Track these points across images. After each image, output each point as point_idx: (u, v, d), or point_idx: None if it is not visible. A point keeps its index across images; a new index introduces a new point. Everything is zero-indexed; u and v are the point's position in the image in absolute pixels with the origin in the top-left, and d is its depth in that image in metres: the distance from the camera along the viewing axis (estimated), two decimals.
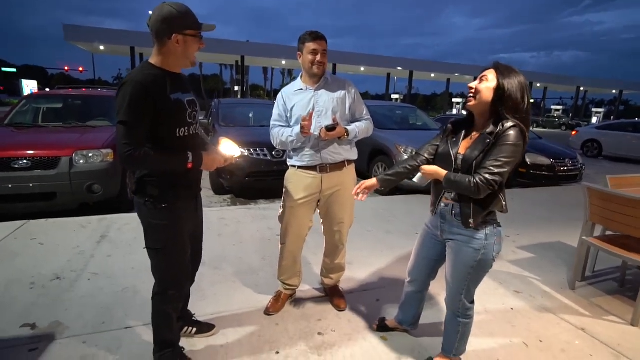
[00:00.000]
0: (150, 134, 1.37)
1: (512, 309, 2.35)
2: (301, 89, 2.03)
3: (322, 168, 2.04)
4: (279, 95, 2.11)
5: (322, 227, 2.26)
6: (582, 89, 38.20)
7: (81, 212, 3.89)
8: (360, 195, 1.76)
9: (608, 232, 2.75)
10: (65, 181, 3.65)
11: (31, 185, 3.57)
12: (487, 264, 1.52)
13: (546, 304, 2.43)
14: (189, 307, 1.96)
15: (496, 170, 1.36)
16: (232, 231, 3.50)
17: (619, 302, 2.49)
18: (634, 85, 38.80)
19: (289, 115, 2.05)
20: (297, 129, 1.93)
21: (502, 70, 1.41)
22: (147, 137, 1.36)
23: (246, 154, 4.76)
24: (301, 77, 2.07)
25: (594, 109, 36.81)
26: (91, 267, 2.65)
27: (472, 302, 1.64)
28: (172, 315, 1.60)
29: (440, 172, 1.50)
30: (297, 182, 2.07)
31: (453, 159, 1.52)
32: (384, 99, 33.87)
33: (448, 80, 35.20)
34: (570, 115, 37.56)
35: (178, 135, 1.45)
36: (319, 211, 2.21)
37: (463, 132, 1.56)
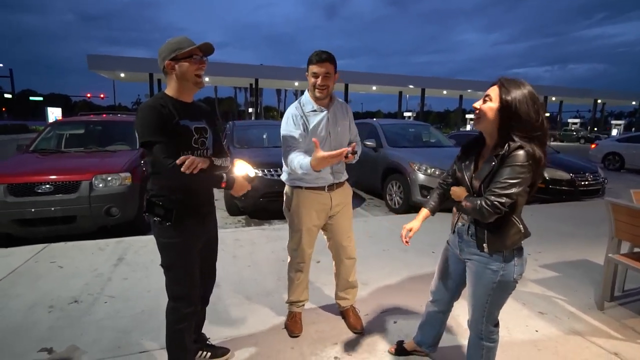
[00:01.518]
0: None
1: (537, 331, 2.24)
2: (314, 110, 1.99)
3: (330, 187, 2.08)
4: (296, 114, 1.98)
5: (332, 249, 2.24)
6: (599, 101, 37.47)
7: (100, 234, 3.97)
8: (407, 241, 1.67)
9: (636, 249, 2.62)
10: (85, 204, 3.75)
11: (52, 209, 3.68)
12: (508, 286, 1.46)
13: (574, 326, 2.30)
14: (204, 330, 1.95)
15: (501, 192, 1.29)
16: (246, 252, 3.49)
17: None
18: None
19: (309, 137, 1.97)
20: (308, 161, 1.77)
21: (507, 86, 1.32)
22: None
23: (260, 174, 4.81)
24: (309, 94, 2.02)
25: (613, 121, 35.97)
26: (108, 290, 2.68)
27: (497, 324, 1.57)
28: (185, 335, 1.60)
29: (461, 194, 1.47)
30: (309, 202, 2.07)
31: (468, 182, 1.48)
32: (396, 117, 34.00)
33: (460, 96, 35.15)
34: (589, 128, 36.74)
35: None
36: (325, 231, 2.21)
37: (475, 153, 1.50)
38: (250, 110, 27.86)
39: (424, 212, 1.71)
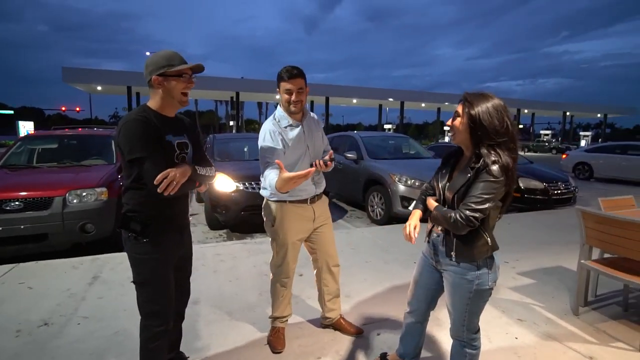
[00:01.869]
0: (136, 171, 1.43)
1: (516, 338, 2.28)
2: (291, 125, 2.01)
3: (312, 199, 2.10)
4: (275, 130, 1.98)
5: (316, 261, 2.25)
6: (568, 113, 39.34)
7: (74, 252, 3.81)
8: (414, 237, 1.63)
9: (606, 255, 2.74)
10: (57, 221, 3.61)
11: (22, 227, 3.52)
12: (484, 294, 1.50)
13: (551, 332, 2.36)
14: (183, 349, 1.89)
15: (475, 207, 1.35)
16: (228, 267, 3.43)
17: (625, 327, 2.43)
18: (618, 109, 40.10)
19: (286, 145, 1.99)
20: (274, 181, 1.75)
21: (470, 101, 1.41)
22: (132, 173, 1.42)
23: (241, 187, 4.76)
24: (282, 109, 2.03)
25: (581, 133, 37.78)
26: (82, 310, 2.56)
27: (477, 331, 1.60)
28: (159, 354, 1.56)
29: (432, 204, 1.52)
30: (293, 216, 2.06)
31: (440, 192, 1.56)
32: (376, 129, 34.55)
33: (438, 109, 36.16)
34: (560, 139, 38.41)
35: None
36: (309, 243, 2.22)
37: (452, 164, 1.58)
38: (231, 123, 27.73)
39: (417, 212, 1.68)
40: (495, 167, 1.34)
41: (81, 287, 2.93)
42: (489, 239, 1.46)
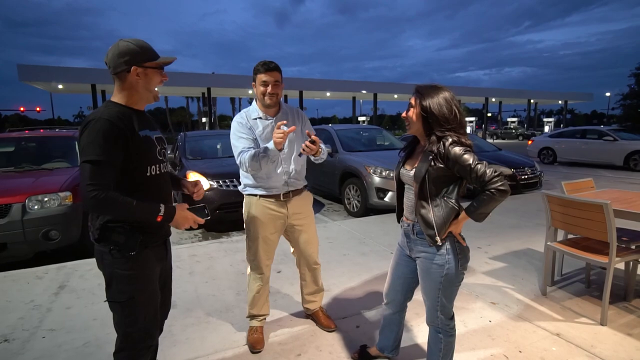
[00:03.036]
0: (120, 175, 1.28)
1: (490, 321, 2.37)
2: (260, 118, 2.02)
3: (285, 195, 2.06)
4: (242, 122, 2.01)
5: (295, 255, 2.26)
6: (532, 101, 41.00)
7: (39, 261, 3.61)
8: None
9: (570, 236, 2.87)
10: (17, 230, 3.39)
11: None
12: (455, 279, 1.54)
13: (522, 313, 2.46)
14: (159, 357, 1.82)
15: (482, 171, 1.40)
16: (204, 268, 3.35)
17: (588, 303, 2.57)
18: (577, 95, 42.15)
19: (260, 143, 1.98)
20: (271, 144, 1.82)
21: (422, 93, 1.51)
22: (116, 178, 1.27)
23: (216, 185, 4.66)
24: (255, 102, 2.07)
25: (545, 119, 39.53)
26: (47, 322, 2.43)
27: (452, 317, 1.64)
28: None
29: (461, 220, 1.50)
30: (263, 211, 2.05)
31: (395, 178, 1.67)
32: (351, 122, 34.76)
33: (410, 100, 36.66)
34: (525, 126, 40.03)
35: (149, 174, 1.37)
36: (286, 239, 2.22)
37: (407, 152, 1.67)
38: (204, 120, 27.07)
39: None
40: (456, 148, 1.43)
41: (46, 298, 2.78)
42: (453, 201, 1.51)
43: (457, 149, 1.42)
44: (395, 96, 35.29)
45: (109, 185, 1.23)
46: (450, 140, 1.44)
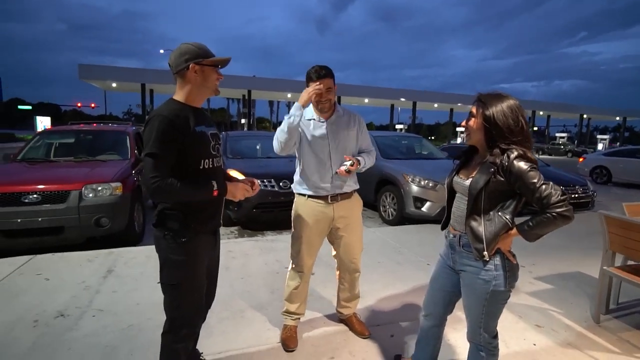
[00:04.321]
0: (175, 166, 1.39)
1: (534, 344, 2.22)
2: (313, 119, 2.06)
3: (332, 197, 2.06)
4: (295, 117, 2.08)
5: (336, 259, 2.25)
6: (585, 116, 38.49)
7: (88, 246, 3.86)
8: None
9: (630, 262, 2.64)
10: (73, 215, 3.66)
11: (39, 219, 3.58)
12: (501, 296, 1.46)
13: (571, 339, 2.29)
14: (197, 346, 1.88)
15: (547, 193, 1.30)
16: (239, 264, 3.43)
17: None
18: (637, 112, 39.05)
19: (306, 142, 2.04)
20: (294, 106, 1.92)
21: (484, 101, 1.42)
22: (173, 170, 1.38)
23: None
24: (312, 105, 2.09)
25: (598, 136, 36.93)
26: (96, 303, 2.59)
27: (495, 336, 1.55)
28: (181, 354, 1.53)
29: (511, 235, 1.42)
30: (309, 211, 2.07)
31: (447, 185, 1.59)
32: (388, 129, 34.36)
33: (451, 110, 35.75)
34: (576, 142, 37.61)
35: (202, 167, 1.47)
36: (329, 242, 2.21)
37: (461, 161, 1.59)
38: (242, 121, 27.89)
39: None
40: (521, 161, 1.34)
41: (96, 280, 2.96)
42: (508, 218, 1.43)
43: (523, 165, 1.33)
44: (435, 105, 34.50)
45: (167, 174, 1.35)
46: (515, 153, 1.35)
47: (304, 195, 2.09)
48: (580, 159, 12.44)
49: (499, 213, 1.42)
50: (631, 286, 2.36)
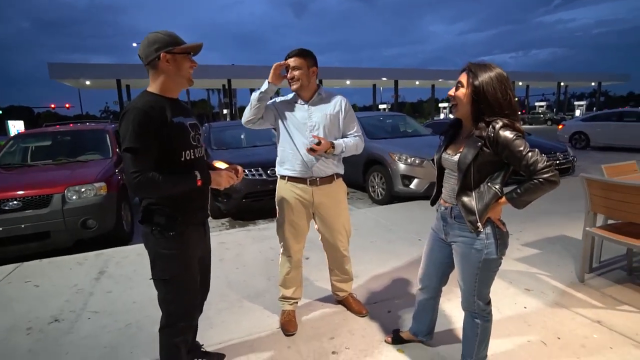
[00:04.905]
0: (156, 159, 1.36)
1: (525, 307, 2.31)
2: (296, 102, 2.06)
3: (312, 181, 2.06)
4: (274, 99, 2.13)
5: (322, 242, 2.26)
6: (562, 84, 39.12)
7: (77, 249, 3.79)
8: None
9: (610, 221, 2.75)
10: (58, 219, 3.57)
11: (23, 226, 3.48)
12: (493, 264, 1.50)
13: (559, 300, 2.39)
14: (198, 339, 1.89)
15: (534, 159, 1.32)
16: (233, 255, 3.43)
17: (630, 290, 2.47)
18: (612, 76, 39.89)
19: (281, 121, 2.06)
20: (264, 83, 1.96)
21: (474, 71, 1.39)
22: (154, 163, 1.35)
23: None
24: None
25: (576, 102, 37.72)
26: (91, 305, 2.56)
27: (488, 302, 1.60)
28: (181, 348, 1.53)
29: (500, 204, 1.44)
30: (290, 194, 2.07)
31: (436, 162, 1.59)
32: (371, 110, 34.30)
33: (433, 86, 35.82)
34: (554, 110, 38.33)
35: (184, 158, 1.44)
36: (315, 226, 2.21)
37: (449, 136, 1.59)
38: (225, 111, 27.41)
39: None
40: (507, 131, 1.34)
41: (88, 283, 2.92)
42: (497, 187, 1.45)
43: (509, 134, 1.34)
44: (417, 82, 34.50)
45: (148, 168, 1.32)
46: (500, 124, 1.35)
47: (284, 177, 2.09)
48: (560, 126, 12.72)
49: (489, 184, 1.44)
50: (612, 244, 2.46)
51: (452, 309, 2.29)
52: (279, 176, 2.14)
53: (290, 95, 2.09)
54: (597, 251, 2.84)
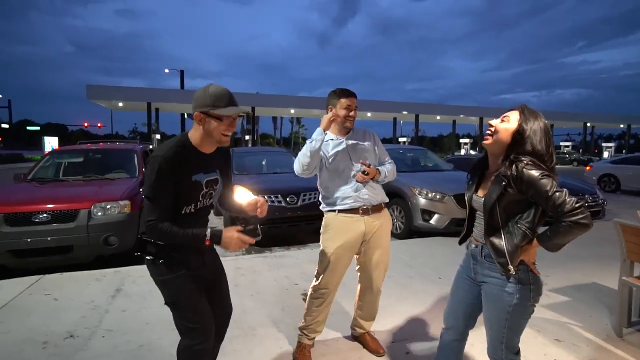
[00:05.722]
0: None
1: None
2: (332, 140, 2.12)
3: (364, 210, 2.05)
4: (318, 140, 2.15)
5: (360, 274, 2.20)
6: (589, 124, 38.38)
7: (96, 265, 3.85)
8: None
9: None
10: (83, 234, 3.66)
11: (49, 239, 3.58)
12: (525, 310, 1.42)
13: (594, 355, 2.21)
14: None
15: (562, 200, 1.27)
16: (249, 281, 3.39)
17: None
18: None
19: (327, 163, 2.09)
20: (317, 131, 1.99)
21: (527, 115, 1.36)
22: (170, 211, 1.40)
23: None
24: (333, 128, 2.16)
25: (604, 144, 36.77)
26: (106, 323, 2.56)
27: (517, 352, 1.50)
28: None
29: (533, 247, 1.39)
30: (340, 225, 2.05)
31: (467, 203, 1.54)
32: (391, 143, 34.47)
33: (454, 122, 35.84)
34: (581, 151, 37.39)
35: (184, 212, 1.45)
36: (356, 257, 2.17)
37: (478, 175, 1.55)
38: (247, 137, 28.14)
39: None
40: (532, 170, 1.30)
41: (105, 300, 2.94)
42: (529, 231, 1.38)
43: (534, 172, 1.29)
44: (438, 118, 34.64)
45: (163, 216, 1.37)
46: (525, 162, 1.31)
47: (334, 211, 2.08)
48: (588, 168, 12.34)
49: (518, 225, 1.39)
50: None
51: (476, 355, 2.15)
52: (326, 211, 2.13)
53: (327, 135, 2.12)
54: (636, 303, 2.65)
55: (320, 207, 2.18)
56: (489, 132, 1.45)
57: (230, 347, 2.26)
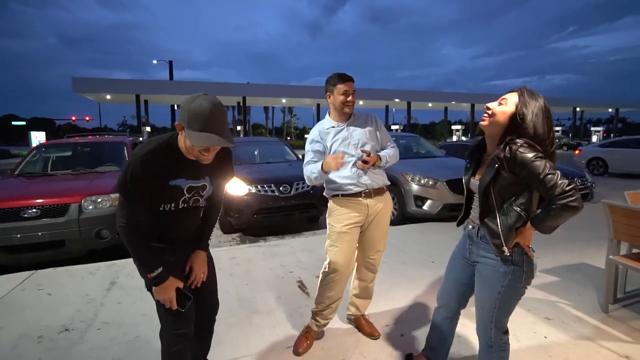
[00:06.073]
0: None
1: (545, 337, 2.21)
2: (333, 127, 2.12)
3: (366, 194, 2.07)
4: (315, 135, 2.14)
5: (357, 252, 2.21)
6: (577, 109, 38.77)
7: (89, 258, 3.82)
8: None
9: (635, 250, 2.64)
10: (74, 228, 3.63)
11: (40, 234, 3.54)
12: (516, 292, 1.44)
13: (582, 331, 2.28)
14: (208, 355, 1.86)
15: (553, 183, 1.26)
16: (243, 270, 3.40)
17: None
18: (630, 102, 39.39)
19: (329, 152, 2.09)
20: (319, 165, 2.01)
21: (526, 97, 1.35)
22: (141, 210, 1.38)
23: (254, 191, 4.74)
24: (329, 115, 2.17)
25: (592, 128, 37.23)
26: (101, 316, 2.56)
27: (506, 332, 1.54)
28: (182, 358, 1.53)
29: (528, 229, 1.39)
30: (344, 209, 2.07)
31: (464, 186, 1.55)
32: None
33: (445, 108, 35.91)
34: (570, 135, 37.85)
35: (161, 209, 1.40)
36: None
37: (476, 158, 1.55)
38: (238, 128, 27.90)
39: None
40: (525, 150, 1.29)
41: (99, 293, 2.93)
42: (523, 213, 1.39)
43: (527, 154, 1.29)
44: (430, 105, 34.67)
45: (132, 217, 1.36)
46: (519, 143, 1.31)
47: (337, 195, 2.10)
48: (577, 152, 12.51)
49: (513, 206, 1.40)
50: (637, 274, 2.35)
51: (468, 335, 2.20)
52: (330, 196, 2.14)
53: (327, 123, 2.14)
54: (621, 281, 2.72)
55: (324, 193, 2.20)
56: (486, 114, 1.44)
57: (227, 336, 2.28)
